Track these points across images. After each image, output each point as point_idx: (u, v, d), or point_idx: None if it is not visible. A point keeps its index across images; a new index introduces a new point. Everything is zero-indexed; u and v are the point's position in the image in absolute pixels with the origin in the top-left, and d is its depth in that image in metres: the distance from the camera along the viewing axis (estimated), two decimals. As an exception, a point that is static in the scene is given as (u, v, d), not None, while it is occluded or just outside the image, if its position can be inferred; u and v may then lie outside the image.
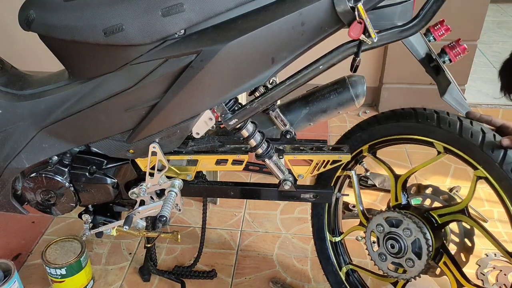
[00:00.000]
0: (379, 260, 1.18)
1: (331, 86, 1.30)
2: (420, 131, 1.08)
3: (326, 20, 0.91)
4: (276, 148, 1.18)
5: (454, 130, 1.02)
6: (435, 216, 1.13)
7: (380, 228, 1.16)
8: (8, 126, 1.13)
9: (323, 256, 1.39)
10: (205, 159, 1.17)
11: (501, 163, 0.96)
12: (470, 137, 0.99)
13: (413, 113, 1.09)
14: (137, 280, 1.51)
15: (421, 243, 1.09)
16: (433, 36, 1.06)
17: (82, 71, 1.07)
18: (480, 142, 0.98)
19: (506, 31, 3.55)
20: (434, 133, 1.05)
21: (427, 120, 1.05)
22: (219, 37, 0.93)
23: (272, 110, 1.27)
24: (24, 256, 1.60)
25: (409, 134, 1.10)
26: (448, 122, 1.03)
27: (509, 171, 0.96)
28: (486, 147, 0.98)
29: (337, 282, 1.38)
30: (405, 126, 1.10)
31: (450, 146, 1.04)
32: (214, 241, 1.65)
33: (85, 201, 1.25)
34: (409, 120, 1.09)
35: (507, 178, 0.96)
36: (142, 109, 1.05)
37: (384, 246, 1.15)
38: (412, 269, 1.12)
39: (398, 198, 1.20)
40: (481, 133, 0.99)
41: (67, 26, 0.97)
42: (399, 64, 2.37)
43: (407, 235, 1.10)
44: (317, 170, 1.18)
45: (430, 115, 1.06)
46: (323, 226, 1.36)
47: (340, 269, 1.37)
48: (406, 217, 1.10)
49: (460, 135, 1.01)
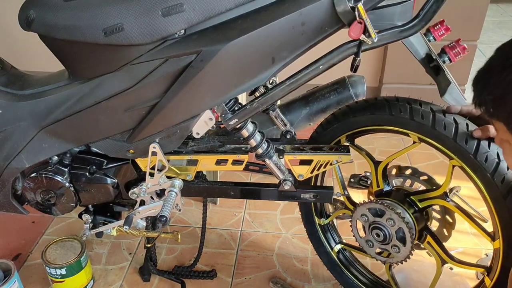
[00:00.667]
0: (367, 246, 1.22)
1: (331, 86, 1.30)
2: (394, 123, 1.09)
3: (326, 20, 0.91)
4: (276, 148, 1.18)
5: (428, 122, 1.03)
6: (417, 201, 1.16)
7: (364, 218, 1.19)
8: (8, 126, 1.13)
9: (314, 239, 1.42)
10: (205, 159, 1.17)
11: (474, 154, 0.99)
12: (443, 129, 1.01)
13: (386, 105, 1.10)
14: (137, 280, 1.51)
15: (405, 231, 1.13)
16: (433, 36, 1.06)
17: (82, 71, 1.07)
18: (454, 134, 1.01)
19: (506, 31, 3.55)
20: (408, 124, 1.07)
21: (400, 113, 1.07)
22: (219, 37, 0.93)
23: (272, 110, 1.27)
24: (24, 256, 1.60)
25: (384, 125, 1.12)
26: (421, 114, 1.04)
27: (483, 162, 0.98)
28: (459, 138, 1.00)
29: (330, 262, 1.42)
30: (380, 118, 1.11)
31: (425, 137, 1.06)
32: (214, 241, 1.65)
33: (85, 201, 1.25)
34: (383, 112, 1.10)
35: (481, 168, 0.99)
36: (142, 109, 1.05)
37: (370, 234, 1.19)
38: (398, 254, 1.17)
39: (379, 184, 1.22)
40: (454, 124, 1.01)
41: (67, 26, 0.97)
42: (399, 64, 2.37)
43: (391, 225, 1.14)
44: (317, 170, 1.18)
45: (403, 106, 1.07)
46: (311, 210, 1.38)
47: (331, 249, 1.41)
48: (388, 209, 1.13)
49: (434, 127, 1.03)
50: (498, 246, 1.07)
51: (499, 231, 1.04)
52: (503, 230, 1.03)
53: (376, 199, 1.21)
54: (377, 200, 1.18)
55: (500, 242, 1.06)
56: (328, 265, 1.43)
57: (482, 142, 0.99)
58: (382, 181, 1.21)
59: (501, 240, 1.05)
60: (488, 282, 1.12)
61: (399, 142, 2.16)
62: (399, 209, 1.14)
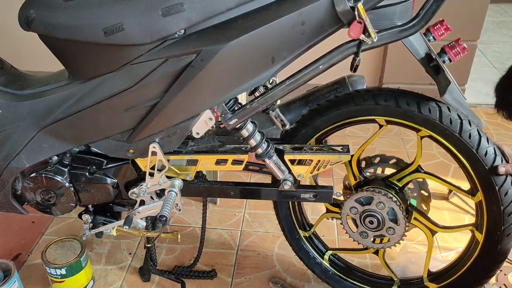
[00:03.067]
0: (362, 238, 1.24)
1: (331, 86, 1.30)
2: (361, 112, 1.14)
3: (326, 20, 0.91)
4: (276, 148, 1.18)
5: (392, 103, 1.10)
6: (395, 182, 1.22)
7: (354, 210, 1.22)
8: (8, 126, 1.13)
9: (303, 253, 1.41)
10: (205, 159, 1.17)
11: (440, 119, 1.08)
12: (407, 105, 1.09)
13: (350, 97, 1.14)
14: (137, 280, 1.51)
15: (395, 210, 1.18)
16: (433, 36, 1.06)
17: (82, 71, 1.07)
18: (417, 106, 1.08)
19: (506, 31, 3.55)
20: (374, 110, 1.13)
21: (365, 101, 1.12)
22: (219, 36, 0.93)
23: (272, 110, 1.27)
24: (24, 256, 1.60)
25: (352, 117, 1.16)
26: (383, 98, 1.11)
27: (448, 124, 1.07)
28: (423, 110, 1.08)
29: (323, 271, 1.41)
30: (347, 111, 1.15)
31: (391, 118, 1.12)
32: (214, 241, 1.65)
33: (85, 201, 1.25)
34: (348, 105, 1.14)
35: (448, 129, 1.08)
36: (142, 109, 1.05)
37: (363, 224, 1.22)
38: (394, 235, 1.21)
39: (356, 177, 1.25)
40: (416, 99, 1.09)
41: (67, 25, 0.97)
42: (399, 64, 2.37)
43: (381, 208, 1.18)
44: (317, 170, 1.18)
45: (365, 96, 1.13)
46: (293, 225, 1.38)
47: (322, 258, 1.41)
48: (376, 192, 1.17)
49: (398, 105, 1.09)
50: (480, 199, 1.13)
51: (477, 184, 1.11)
52: (481, 182, 1.10)
53: (362, 189, 1.23)
54: (360, 190, 1.21)
55: (481, 194, 1.12)
56: (323, 275, 1.41)
57: (443, 108, 1.08)
58: (358, 173, 1.25)
59: (481, 192, 1.12)
60: (480, 236, 1.17)
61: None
62: (384, 191, 1.18)
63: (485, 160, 1.08)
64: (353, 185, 1.26)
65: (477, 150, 1.07)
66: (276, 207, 1.36)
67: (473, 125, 1.07)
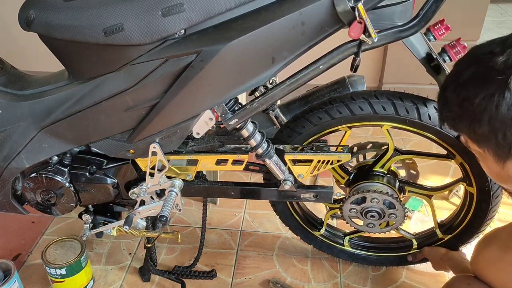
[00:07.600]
0: (370, 228, 1.32)
1: (331, 86, 1.30)
2: (323, 128, 1.20)
3: (326, 20, 0.91)
4: (276, 148, 1.18)
5: (347, 113, 1.16)
6: (379, 169, 1.29)
7: (353, 211, 1.29)
8: (8, 126, 1.13)
9: (326, 248, 1.48)
10: (205, 159, 1.17)
11: (396, 111, 1.14)
12: (361, 110, 1.15)
13: (307, 120, 1.19)
14: (137, 280, 1.51)
15: (390, 199, 1.24)
16: (433, 36, 1.06)
17: (82, 71, 1.07)
18: (371, 109, 1.14)
19: (506, 31, 3.52)
20: (334, 124, 1.19)
21: (321, 120, 1.18)
22: (219, 37, 0.93)
23: (272, 110, 1.28)
24: (24, 256, 1.60)
25: (314, 135, 1.22)
26: (337, 110, 1.16)
27: (406, 115, 1.13)
28: (377, 110, 1.14)
29: (350, 255, 1.48)
30: (308, 133, 1.21)
31: (351, 124, 1.18)
32: (214, 241, 1.65)
33: (85, 201, 1.25)
34: (308, 127, 1.20)
35: (406, 119, 1.14)
36: (142, 109, 1.05)
37: (367, 219, 1.29)
38: (397, 218, 1.28)
39: (343, 176, 1.33)
40: (366, 102, 1.15)
41: (67, 26, 0.97)
42: (399, 64, 2.37)
43: (377, 202, 1.25)
44: (317, 170, 1.18)
45: (321, 114, 1.18)
46: (307, 231, 1.44)
47: (343, 245, 1.47)
48: (366, 191, 1.24)
49: (353, 113, 1.15)
50: (460, 161, 1.20)
51: (452, 150, 1.18)
52: (453, 147, 1.17)
53: (350, 189, 1.31)
54: (351, 192, 1.28)
55: (459, 156, 1.19)
56: (350, 259, 1.49)
57: (398, 106, 1.13)
58: (343, 172, 1.32)
59: (458, 155, 1.18)
60: (472, 189, 1.23)
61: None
62: (374, 186, 1.25)
63: (450, 131, 1.14)
64: (345, 183, 1.34)
65: (441, 126, 1.13)
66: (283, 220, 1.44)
67: (430, 105, 1.13)
